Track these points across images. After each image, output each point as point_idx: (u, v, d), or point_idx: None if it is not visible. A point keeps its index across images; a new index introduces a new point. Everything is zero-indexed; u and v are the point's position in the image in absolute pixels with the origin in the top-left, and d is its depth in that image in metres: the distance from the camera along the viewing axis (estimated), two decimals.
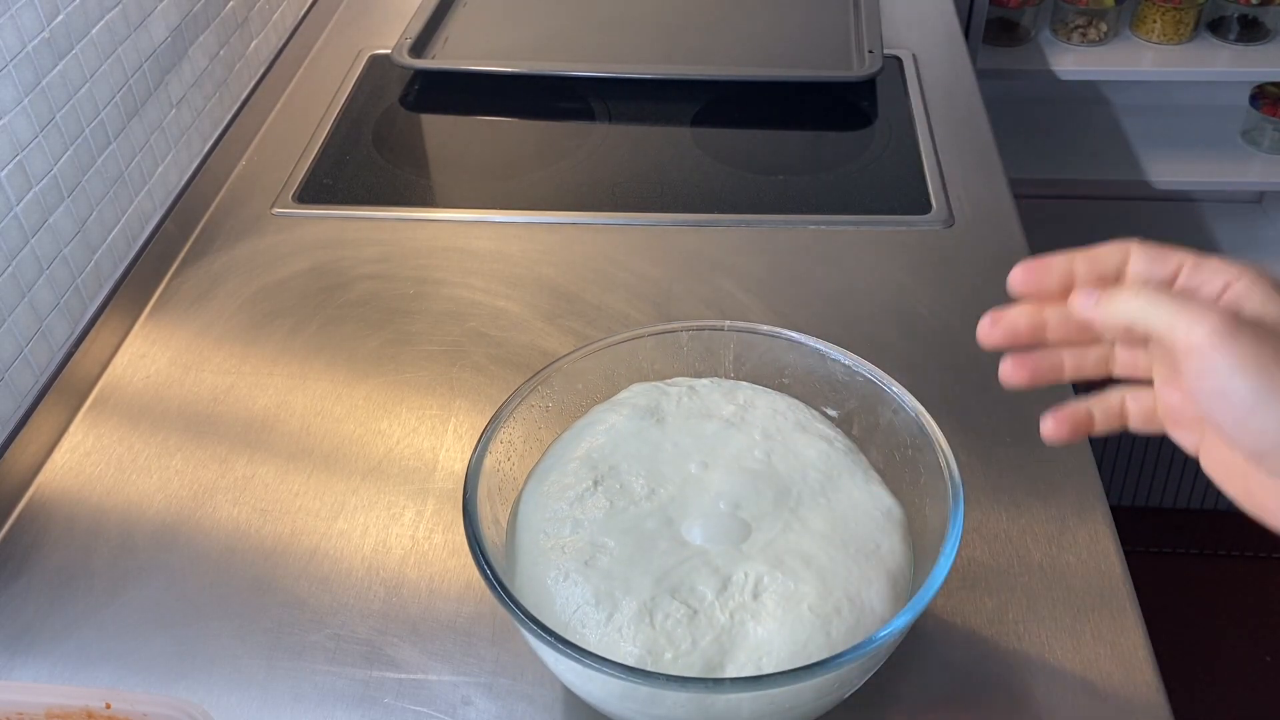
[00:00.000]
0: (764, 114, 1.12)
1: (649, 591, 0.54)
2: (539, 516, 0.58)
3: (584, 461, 0.60)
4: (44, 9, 0.81)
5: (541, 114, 1.13)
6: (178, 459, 0.75)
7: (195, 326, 0.86)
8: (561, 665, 0.53)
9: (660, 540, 0.56)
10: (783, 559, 0.55)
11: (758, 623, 0.53)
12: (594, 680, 0.51)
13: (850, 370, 0.63)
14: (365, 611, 0.65)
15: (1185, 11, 1.70)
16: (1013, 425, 0.75)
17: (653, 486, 0.59)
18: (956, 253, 0.90)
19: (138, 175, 0.94)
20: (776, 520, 0.57)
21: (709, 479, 0.59)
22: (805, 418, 0.63)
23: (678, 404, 0.63)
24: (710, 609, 0.53)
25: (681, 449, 0.61)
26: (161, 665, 0.63)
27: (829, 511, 0.58)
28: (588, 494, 0.58)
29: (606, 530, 0.57)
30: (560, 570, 0.55)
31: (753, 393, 0.64)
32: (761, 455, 0.60)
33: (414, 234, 0.95)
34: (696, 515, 0.57)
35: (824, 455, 0.60)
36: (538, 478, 0.61)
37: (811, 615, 0.53)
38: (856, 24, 1.20)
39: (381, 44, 1.21)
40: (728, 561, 0.55)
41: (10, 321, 0.78)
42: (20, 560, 0.69)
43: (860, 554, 0.56)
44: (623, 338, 0.65)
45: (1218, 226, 1.85)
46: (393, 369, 0.81)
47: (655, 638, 0.52)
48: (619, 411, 0.63)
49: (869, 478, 0.60)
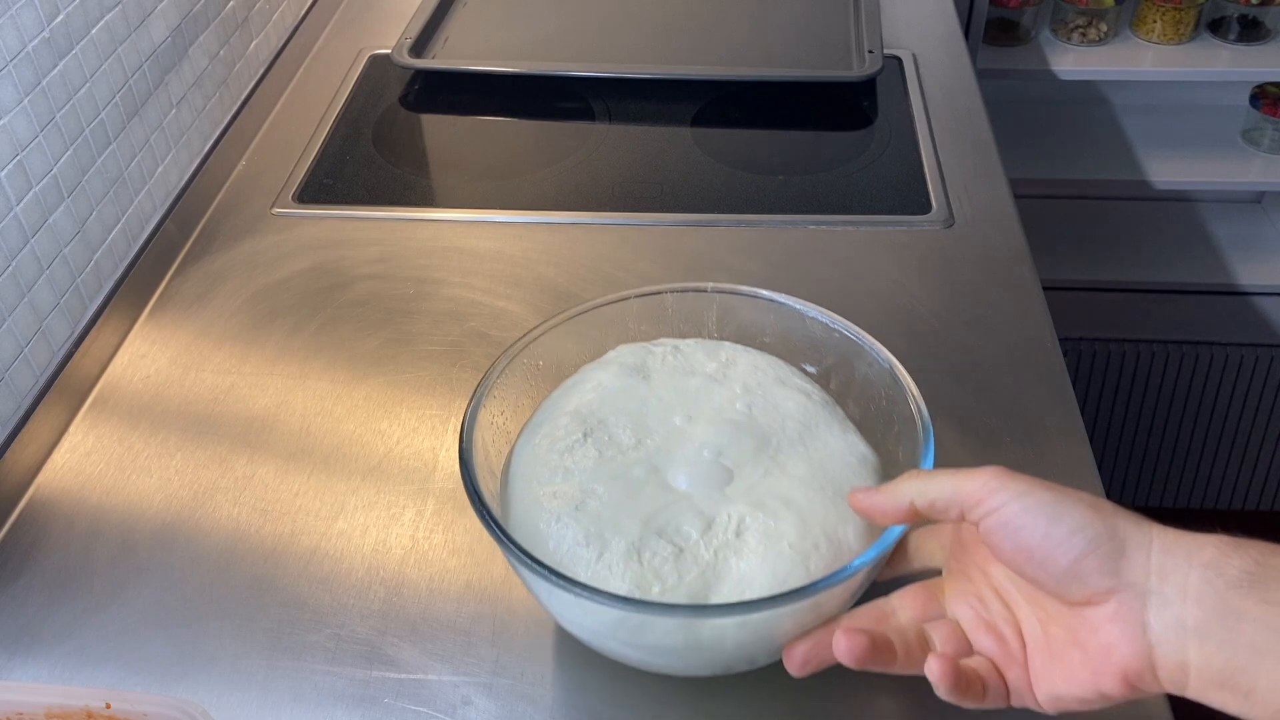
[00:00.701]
0: (764, 114, 1.12)
1: (637, 532, 0.57)
2: (532, 467, 0.61)
3: (574, 416, 0.63)
4: (44, 9, 0.81)
5: (541, 114, 1.13)
6: (178, 459, 0.75)
7: (195, 326, 0.86)
8: (555, 599, 0.55)
9: (647, 486, 0.59)
10: (764, 501, 0.58)
11: (740, 559, 0.56)
12: (587, 612, 0.54)
13: (828, 327, 0.66)
14: (365, 611, 0.66)
15: (1185, 11, 1.70)
16: (1013, 425, 0.75)
17: (639, 437, 0.62)
18: (956, 253, 0.90)
19: (138, 175, 0.94)
20: (757, 466, 0.60)
21: (693, 430, 0.62)
22: (785, 373, 0.66)
23: (663, 362, 0.66)
24: (695, 547, 0.56)
25: (666, 403, 0.64)
26: (161, 665, 0.63)
27: (807, 458, 0.61)
28: (578, 445, 0.61)
29: (596, 477, 0.59)
30: (552, 514, 0.58)
31: (735, 351, 0.67)
32: (743, 408, 0.63)
33: (414, 234, 0.95)
34: (681, 463, 0.60)
35: (802, 407, 0.63)
36: (530, 431, 0.64)
37: (791, 551, 0.56)
38: (856, 24, 1.20)
39: (381, 44, 1.21)
40: (711, 504, 0.58)
41: (10, 321, 0.78)
42: (20, 560, 0.69)
43: (837, 496, 0.58)
44: (610, 299, 0.68)
45: (1218, 226, 1.85)
46: (393, 369, 0.81)
47: (643, 574, 0.55)
48: (607, 370, 0.66)
49: (845, 428, 0.63)
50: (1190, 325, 1.73)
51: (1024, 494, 0.47)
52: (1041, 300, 0.85)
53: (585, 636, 0.58)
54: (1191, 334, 1.73)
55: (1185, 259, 1.78)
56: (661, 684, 0.61)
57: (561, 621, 0.59)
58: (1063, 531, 0.46)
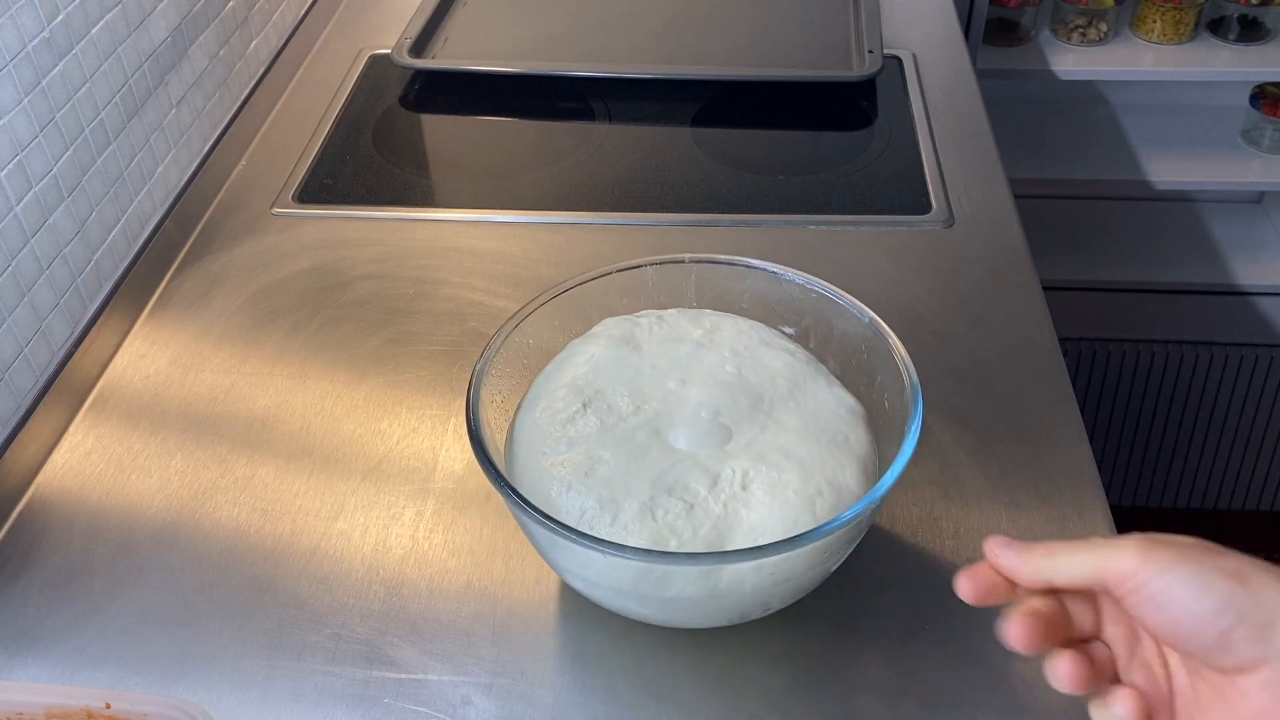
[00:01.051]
0: (764, 114, 1.12)
1: (647, 492, 0.59)
2: (535, 440, 0.63)
3: (571, 388, 0.65)
4: (44, 9, 0.81)
5: (541, 114, 1.13)
6: (178, 459, 0.75)
7: (195, 326, 0.86)
8: (578, 561, 0.58)
9: (651, 449, 0.62)
10: (765, 454, 0.61)
11: (749, 509, 0.59)
12: (612, 568, 0.56)
13: (804, 288, 0.70)
14: (365, 611, 0.66)
15: (1185, 11, 1.70)
16: (1013, 425, 0.75)
17: (638, 404, 0.64)
18: (956, 253, 0.90)
19: (138, 175, 0.94)
20: (754, 423, 0.63)
21: (688, 393, 0.65)
22: (767, 335, 0.69)
23: (649, 332, 0.69)
24: (705, 502, 0.59)
25: (659, 370, 0.66)
26: (161, 665, 0.63)
27: (799, 412, 0.64)
28: (578, 415, 0.63)
29: (601, 444, 0.62)
30: (562, 483, 0.60)
31: (717, 318, 0.70)
32: (733, 369, 0.66)
33: (414, 234, 0.95)
34: (681, 425, 0.63)
35: (788, 365, 0.67)
36: (528, 407, 0.66)
37: (796, 498, 0.59)
38: (856, 24, 1.20)
39: (381, 44, 1.21)
40: (715, 461, 0.61)
41: (10, 321, 0.78)
42: (20, 560, 0.69)
43: (832, 445, 0.62)
44: (593, 275, 0.70)
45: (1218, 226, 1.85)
46: (393, 369, 0.81)
47: (659, 530, 0.58)
48: (596, 343, 0.68)
49: (831, 382, 0.67)
50: (1190, 325, 1.73)
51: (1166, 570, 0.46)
52: (1041, 300, 0.85)
53: (605, 596, 0.60)
54: (1191, 334, 1.72)
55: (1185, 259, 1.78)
56: (661, 683, 0.61)
57: (581, 584, 0.61)
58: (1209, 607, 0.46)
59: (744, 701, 0.60)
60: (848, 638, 0.63)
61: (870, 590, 0.66)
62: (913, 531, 0.69)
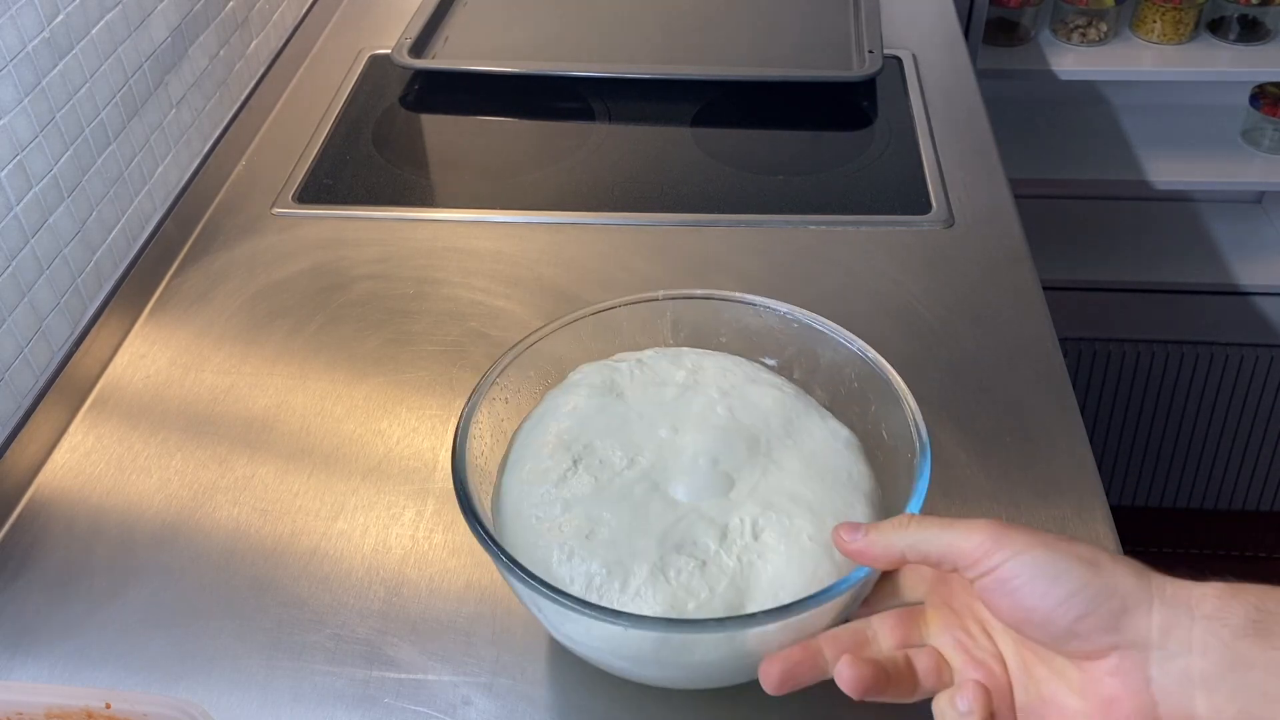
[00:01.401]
0: (764, 114, 1.12)
1: (656, 552, 0.55)
2: (526, 503, 0.59)
3: (558, 445, 0.61)
4: (44, 9, 0.81)
5: (541, 114, 1.13)
6: (178, 459, 0.75)
7: (195, 326, 0.86)
8: (594, 634, 0.54)
9: (652, 504, 0.58)
10: (771, 500, 0.58)
11: (765, 561, 0.56)
12: (630, 641, 0.53)
13: (785, 319, 0.67)
14: (365, 611, 0.66)
15: (1185, 11, 1.70)
16: (1013, 425, 0.75)
17: (631, 456, 0.60)
18: (956, 253, 0.90)
19: (138, 175, 0.94)
20: (754, 468, 0.60)
21: (681, 441, 0.61)
22: (752, 371, 0.66)
23: (631, 377, 0.65)
24: (717, 557, 0.56)
25: (648, 418, 0.62)
26: (161, 665, 0.63)
27: (798, 451, 0.61)
28: (570, 474, 0.59)
29: (598, 504, 0.58)
30: (563, 550, 0.56)
31: (697, 356, 0.67)
32: (724, 411, 0.63)
33: (414, 234, 0.95)
34: (679, 475, 0.59)
35: (779, 402, 0.64)
36: (513, 468, 0.62)
37: (812, 545, 0.56)
38: (856, 24, 1.20)
39: (381, 44, 1.21)
40: (720, 511, 0.58)
41: (10, 321, 0.78)
42: (20, 560, 0.69)
43: (837, 483, 0.59)
44: (565, 321, 0.66)
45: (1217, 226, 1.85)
46: (393, 369, 0.81)
47: (674, 592, 0.54)
48: (577, 393, 0.64)
49: (823, 415, 0.64)
50: (1190, 325, 1.73)
51: (1020, 553, 0.46)
52: (1041, 300, 0.85)
53: (622, 669, 0.57)
54: (1191, 334, 1.73)
55: (1185, 259, 1.78)
56: None
57: (592, 654, 0.57)
58: (1062, 592, 0.45)
59: (744, 699, 0.60)
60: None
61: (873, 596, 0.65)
62: None
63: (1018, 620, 0.47)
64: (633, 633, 0.52)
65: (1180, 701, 0.44)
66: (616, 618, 0.51)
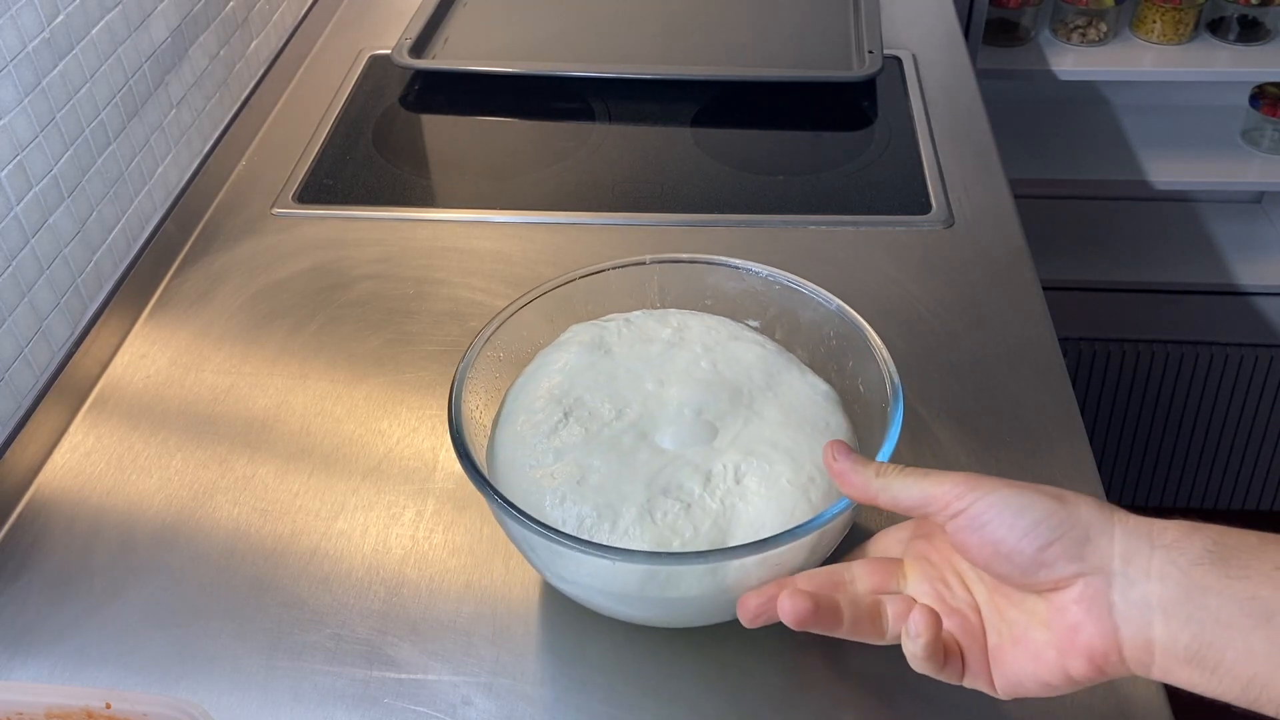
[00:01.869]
0: (764, 114, 1.12)
1: (643, 495, 0.59)
2: (519, 454, 0.63)
3: (549, 399, 0.65)
4: (44, 9, 0.81)
5: (541, 114, 1.13)
6: (178, 459, 0.75)
7: (195, 326, 0.86)
8: (583, 571, 0.57)
9: (639, 452, 0.62)
10: (753, 447, 0.62)
11: (746, 503, 0.60)
12: (617, 576, 0.56)
13: (767, 281, 0.70)
14: (365, 611, 0.66)
15: (1185, 11, 1.70)
16: (1013, 425, 0.75)
17: (619, 408, 0.64)
18: (956, 253, 0.90)
19: (138, 175, 0.94)
20: (737, 417, 0.64)
21: (667, 393, 0.65)
22: (735, 329, 0.70)
23: (619, 335, 0.69)
24: (701, 500, 0.60)
25: (635, 372, 0.66)
26: (161, 665, 0.63)
27: (778, 402, 0.65)
28: (561, 425, 0.63)
29: (588, 452, 0.62)
30: (556, 495, 0.60)
31: (683, 316, 0.70)
32: (707, 366, 0.67)
33: (414, 234, 0.95)
34: (666, 425, 0.63)
35: (760, 357, 0.67)
36: (506, 421, 0.65)
37: (791, 487, 0.60)
38: (856, 24, 1.20)
39: (381, 44, 1.21)
40: (705, 459, 0.61)
41: (10, 321, 0.78)
42: (20, 560, 0.69)
43: (815, 431, 0.63)
44: (557, 282, 0.70)
45: (1217, 226, 1.85)
46: (393, 369, 0.81)
47: (660, 532, 0.58)
48: (567, 350, 0.68)
49: (803, 370, 0.68)
50: (1190, 325, 1.73)
51: (989, 493, 0.49)
52: (1041, 300, 0.85)
53: (608, 603, 0.60)
54: (1191, 334, 1.73)
55: (1185, 259, 1.78)
56: (662, 684, 0.61)
57: (582, 593, 0.60)
58: (1027, 523, 0.48)
59: (744, 700, 0.60)
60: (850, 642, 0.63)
61: None
62: None
63: (987, 556, 0.49)
64: (620, 567, 0.56)
65: (1140, 627, 0.46)
66: (605, 552, 0.55)
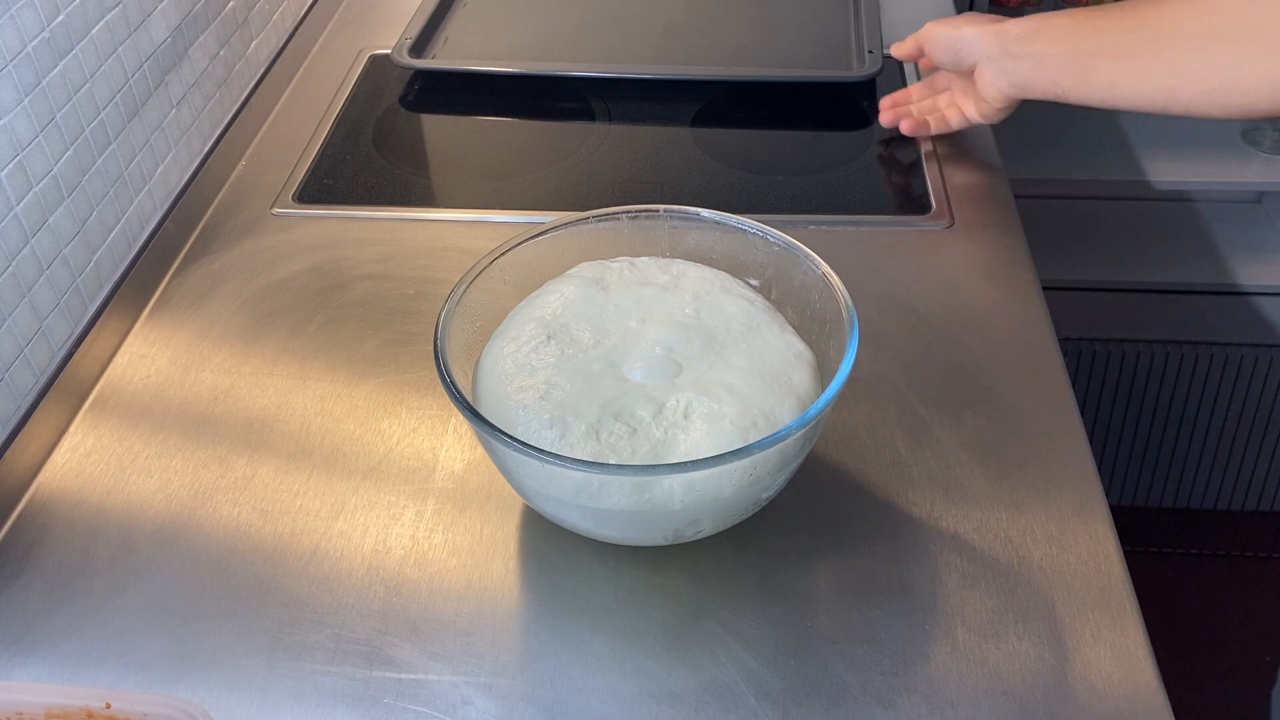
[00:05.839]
0: (764, 114, 1.12)
1: (595, 415, 0.64)
2: (500, 366, 0.68)
3: (539, 322, 0.70)
4: (44, 9, 0.81)
5: (541, 114, 1.13)
6: (178, 459, 0.75)
7: (195, 326, 0.86)
8: (525, 472, 0.62)
9: (605, 379, 0.66)
10: (709, 388, 0.65)
11: (687, 435, 0.63)
12: (552, 480, 0.61)
13: (768, 241, 0.73)
14: (365, 611, 0.66)
15: None
16: (1013, 425, 0.75)
17: (598, 338, 0.69)
18: (956, 253, 0.90)
19: (138, 175, 0.94)
20: (704, 360, 0.67)
21: (646, 331, 0.69)
22: (729, 283, 0.73)
23: (619, 275, 0.73)
24: (647, 428, 0.64)
25: (622, 309, 0.70)
26: (161, 665, 0.63)
27: (748, 353, 0.68)
28: (541, 346, 0.68)
29: (559, 372, 0.66)
30: (519, 404, 0.65)
31: (685, 265, 0.74)
32: (691, 312, 0.70)
33: (414, 234, 0.95)
34: (636, 359, 0.67)
35: (745, 311, 0.70)
36: (499, 336, 0.71)
37: (732, 428, 0.63)
38: (856, 24, 1.20)
39: (381, 44, 1.21)
40: (662, 392, 0.65)
41: (10, 321, 0.78)
42: (20, 560, 0.69)
43: (775, 383, 0.66)
44: (571, 219, 0.75)
45: (1218, 227, 1.84)
46: (393, 369, 0.81)
47: (601, 449, 0.62)
48: (569, 283, 0.72)
49: (784, 329, 0.70)
50: (1190, 325, 1.73)
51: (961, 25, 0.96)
52: (1041, 300, 0.85)
53: (549, 507, 0.65)
54: (1191, 334, 1.72)
55: (1185, 259, 1.78)
56: (662, 684, 0.61)
57: (529, 495, 0.65)
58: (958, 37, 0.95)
59: (746, 701, 0.60)
60: (851, 641, 0.63)
61: (873, 591, 0.66)
62: (913, 532, 0.69)
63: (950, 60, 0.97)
64: (554, 470, 0.60)
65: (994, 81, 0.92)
66: (539, 455, 0.59)
